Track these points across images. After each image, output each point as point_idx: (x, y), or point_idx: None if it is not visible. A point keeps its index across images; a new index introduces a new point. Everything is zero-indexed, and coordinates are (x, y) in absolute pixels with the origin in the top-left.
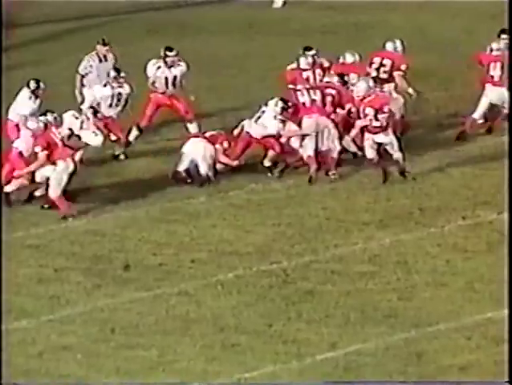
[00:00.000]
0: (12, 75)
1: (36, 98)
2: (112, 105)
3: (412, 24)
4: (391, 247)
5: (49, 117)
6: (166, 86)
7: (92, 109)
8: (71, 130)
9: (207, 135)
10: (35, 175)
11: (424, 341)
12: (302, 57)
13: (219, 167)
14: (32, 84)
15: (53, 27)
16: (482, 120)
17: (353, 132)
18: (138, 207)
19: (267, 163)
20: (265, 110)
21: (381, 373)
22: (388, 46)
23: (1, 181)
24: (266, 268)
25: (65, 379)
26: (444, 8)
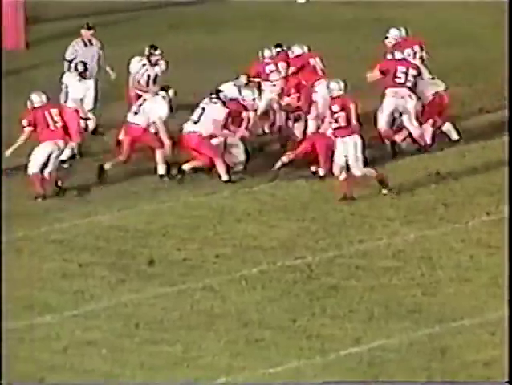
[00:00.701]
0: (37, 72)
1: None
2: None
3: (435, 19)
4: (415, 242)
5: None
6: (147, 84)
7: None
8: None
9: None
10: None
11: (448, 336)
12: (266, 50)
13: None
14: (80, 67)
15: (75, 23)
16: None
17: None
18: (162, 202)
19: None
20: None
21: (405, 368)
22: (393, 32)
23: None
24: (291, 263)
25: (89, 375)
26: (466, 3)
